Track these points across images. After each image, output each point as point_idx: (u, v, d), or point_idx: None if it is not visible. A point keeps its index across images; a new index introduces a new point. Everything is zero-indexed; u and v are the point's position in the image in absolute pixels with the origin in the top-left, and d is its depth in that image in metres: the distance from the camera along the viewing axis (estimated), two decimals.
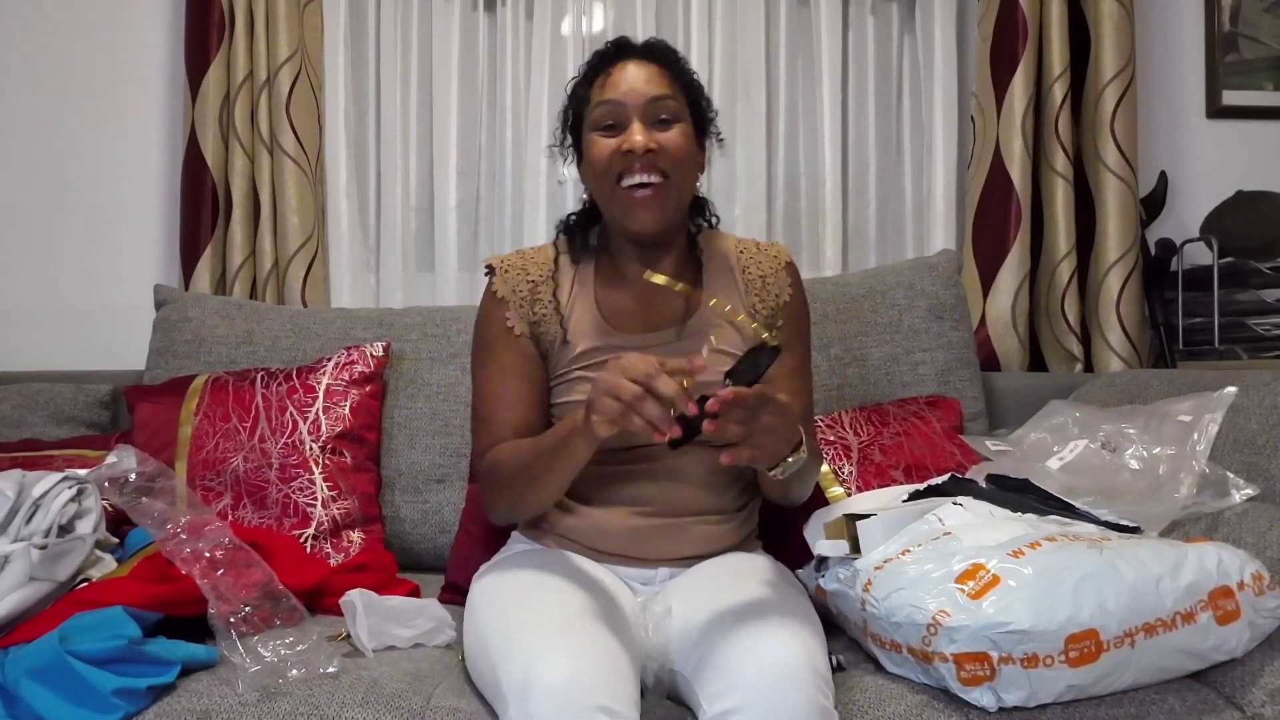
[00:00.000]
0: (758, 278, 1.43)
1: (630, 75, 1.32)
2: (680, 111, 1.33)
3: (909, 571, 1.16)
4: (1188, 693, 1.16)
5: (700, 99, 1.39)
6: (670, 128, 1.32)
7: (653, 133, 1.30)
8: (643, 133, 1.29)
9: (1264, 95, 2.37)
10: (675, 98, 1.33)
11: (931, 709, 1.12)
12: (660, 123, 1.31)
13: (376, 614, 1.29)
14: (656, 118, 1.31)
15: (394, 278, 2.31)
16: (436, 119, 2.29)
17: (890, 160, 2.40)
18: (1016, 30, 2.14)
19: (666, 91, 1.32)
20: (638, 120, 1.30)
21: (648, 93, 1.31)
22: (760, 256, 1.45)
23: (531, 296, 1.38)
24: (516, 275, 1.40)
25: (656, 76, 1.32)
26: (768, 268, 1.44)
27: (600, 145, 1.32)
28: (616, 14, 2.31)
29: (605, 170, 1.32)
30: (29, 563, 1.23)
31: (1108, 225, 2.15)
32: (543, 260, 1.42)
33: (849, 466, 1.64)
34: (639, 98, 1.31)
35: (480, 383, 1.40)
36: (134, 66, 2.26)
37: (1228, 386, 1.51)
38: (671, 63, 1.36)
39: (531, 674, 1.01)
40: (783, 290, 1.44)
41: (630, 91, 1.31)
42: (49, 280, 2.26)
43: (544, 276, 1.40)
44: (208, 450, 1.66)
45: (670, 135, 1.31)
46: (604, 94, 1.32)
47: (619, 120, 1.31)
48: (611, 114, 1.32)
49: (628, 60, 1.34)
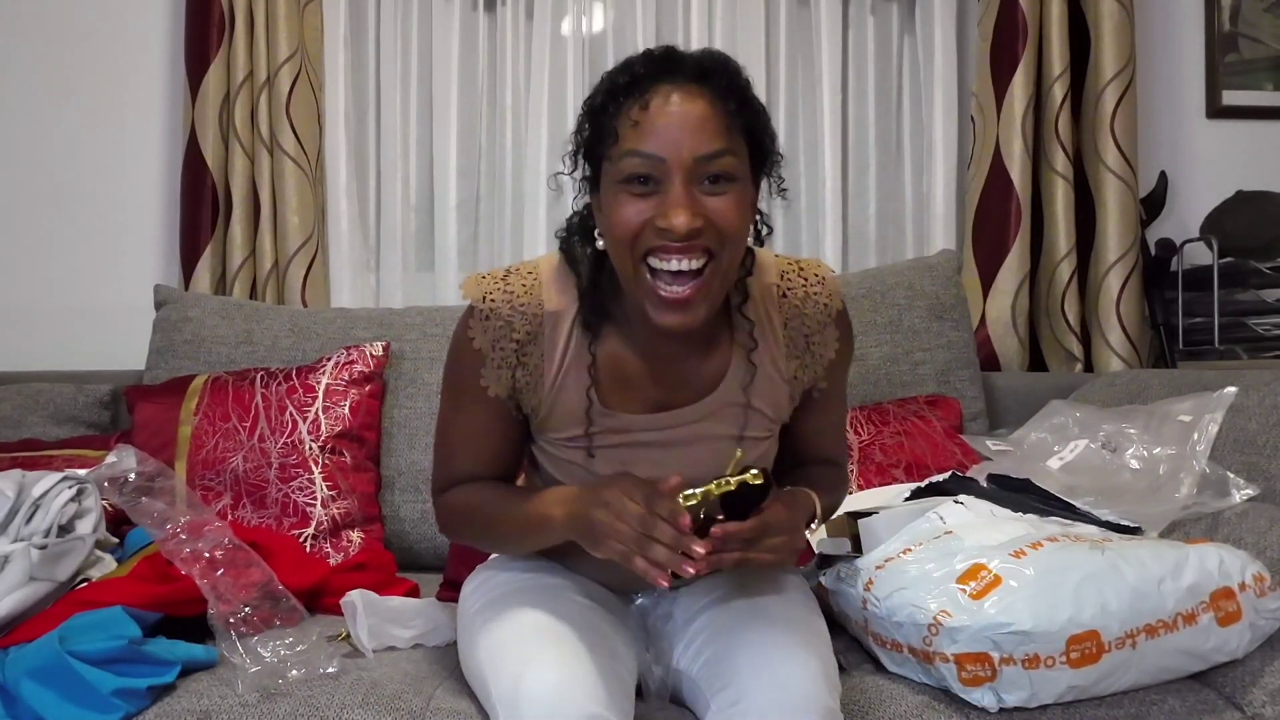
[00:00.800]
0: (801, 337, 1.16)
1: (677, 116, 0.99)
2: (738, 167, 1.02)
3: (910, 571, 1.15)
4: (1188, 693, 1.15)
5: (764, 135, 1.06)
6: (723, 191, 1.01)
7: (700, 200, 1.00)
8: (686, 207, 0.98)
9: (1264, 95, 2.37)
10: (734, 150, 1.01)
11: (932, 709, 1.11)
12: (711, 182, 1.00)
13: (376, 614, 1.28)
14: (706, 176, 1.00)
15: (394, 278, 2.31)
16: (436, 119, 2.29)
17: (890, 160, 2.40)
18: (1016, 30, 2.14)
19: (722, 145, 0.99)
20: (680, 183, 0.99)
21: (697, 149, 0.99)
22: (805, 307, 1.16)
23: (516, 359, 1.11)
24: (500, 330, 1.11)
25: (711, 118, 0.99)
26: (814, 322, 1.16)
27: (626, 208, 1.01)
28: (616, 14, 2.31)
29: (630, 242, 1.01)
30: (29, 563, 1.23)
31: (1108, 225, 2.15)
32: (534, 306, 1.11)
33: (850, 466, 1.64)
34: (685, 153, 0.98)
35: (444, 420, 1.19)
36: (134, 66, 2.26)
37: (1228, 386, 1.51)
38: (732, 91, 1.02)
39: (520, 684, 1.00)
40: (828, 348, 1.17)
41: (674, 144, 0.98)
42: (49, 280, 2.26)
43: (531, 335, 1.11)
44: (207, 450, 1.66)
45: (722, 203, 1.00)
46: (638, 137, 0.99)
47: (654, 176, 1.00)
48: (645, 168, 1.00)
49: (673, 86, 1.00)
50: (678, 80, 1.01)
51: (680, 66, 1.02)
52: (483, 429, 1.17)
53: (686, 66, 1.02)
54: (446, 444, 1.20)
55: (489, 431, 1.17)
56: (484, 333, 1.11)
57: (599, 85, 1.06)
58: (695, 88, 1.01)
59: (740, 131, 1.03)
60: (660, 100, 1.00)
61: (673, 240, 0.99)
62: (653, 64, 1.02)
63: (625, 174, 1.01)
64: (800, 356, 1.17)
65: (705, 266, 1.01)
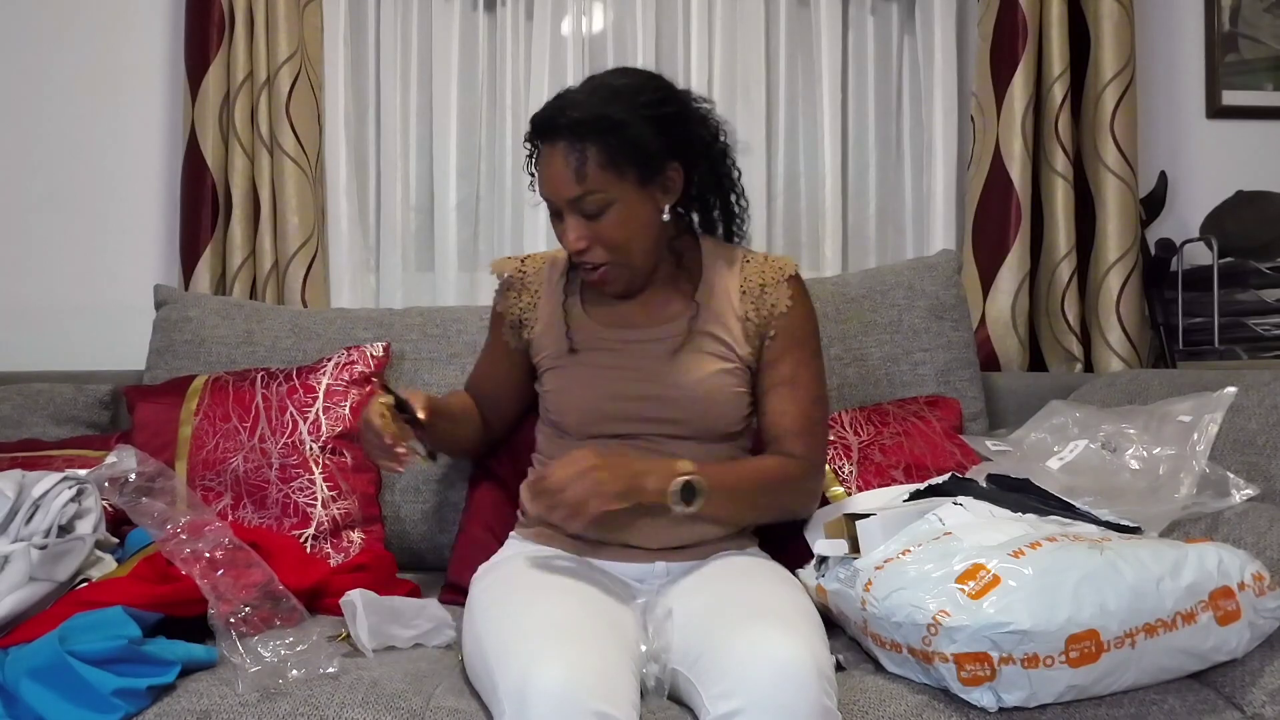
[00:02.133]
0: (757, 286, 1.43)
1: (551, 168, 1.31)
2: (606, 196, 1.30)
3: (909, 571, 1.15)
4: (1188, 693, 1.16)
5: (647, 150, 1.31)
6: (602, 217, 1.31)
7: (585, 224, 1.31)
8: (575, 230, 1.32)
9: (1264, 95, 2.37)
10: (598, 186, 1.29)
11: (932, 709, 1.12)
12: (588, 214, 1.31)
13: (376, 614, 1.29)
14: (583, 212, 1.31)
15: (394, 278, 2.31)
16: (436, 119, 2.29)
17: (890, 160, 2.40)
18: (1016, 30, 2.14)
19: (579, 190, 1.29)
20: (569, 216, 1.32)
21: (564, 194, 1.30)
22: (764, 266, 1.45)
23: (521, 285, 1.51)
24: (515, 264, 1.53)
25: (569, 168, 1.28)
26: (770, 277, 1.43)
27: (555, 229, 1.38)
28: (616, 14, 2.31)
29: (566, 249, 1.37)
30: (29, 563, 1.23)
31: (1108, 225, 2.15)
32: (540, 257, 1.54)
33: (849, 466, 1.64)
34: (559, 198, 1.31)
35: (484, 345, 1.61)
36: (134, 66, 2.26)
37: (1228, 386, 1.51)
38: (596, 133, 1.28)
39: (527, 680, 1.01)
40: (780, 301, 1.42)
41: (553, 192, 1.32)
42: (49, 280, 2.26)
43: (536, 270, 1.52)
44: (208, 450, 1.66)
45: (603, 225, 1.31)
46: (536, 182, 1.35)
47: (556, 211, 1.35)
48: (549, 205, 1.35)
49: (545, 146, 1.32)
50: (547, 140, 1.31)
51: (551, 127, 1.30)
52: (489, 350, 1.58)
53: (556, 127, 1.30)
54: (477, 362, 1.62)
55: (491, 353, 1.58)
56: (502, 270, 1.54)
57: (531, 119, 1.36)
58: (556, 146, 1.30)
59: (604, 164, 1.28)
60: (545, 157, 1.32)
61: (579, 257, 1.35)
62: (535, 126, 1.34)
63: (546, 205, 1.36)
64: (754, 302, 1.42)
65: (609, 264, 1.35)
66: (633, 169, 1.30)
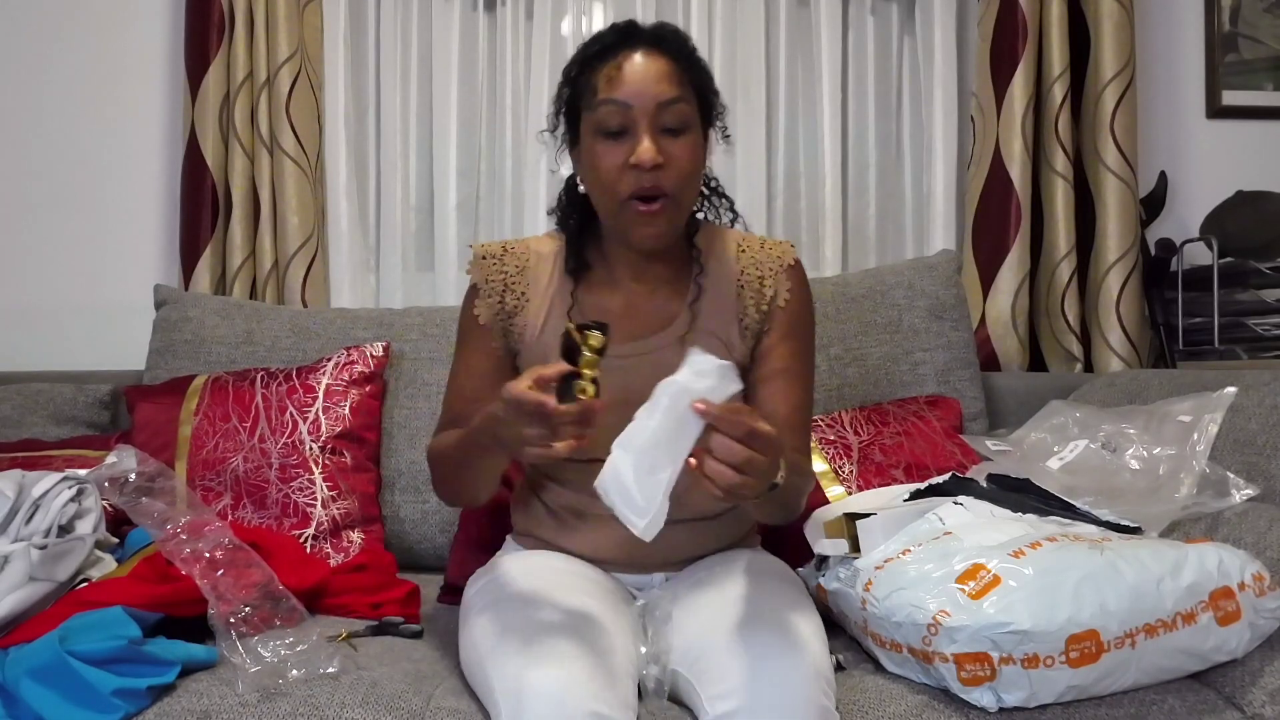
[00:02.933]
0: (755, 278, 1.34)
1: (639, 71, 1.21)
2: (691, 116, 1.23)
3: (909, 571, 1.16)
4: (1188, 693, 1.16)
5: (710, 93, 1.29)
6: (679, 137, 1.22)
7: (661, 141, 1.21)
8: (651, 144, 1.20)
9: (1264, 95, 2.37)
10: (686, 99, 1.23)
11: (932, 709, 1.12)
12: (669, 131, 1.21)
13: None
14: (665, 125, 1.21)
15: (394, 278, 2.31)
16: (436, 119, 2.29)
17: (890, 160, 2.40)
18: (1016, 30, 2.14)
19: (678, 93, 1.21)
20: (646, 128, 1.20)
21: (658, 95, 1.20)
22: (761, 255, 1.36)
23: (504, 286, 1.33)
24: (492, 266, 1.34)
25: (668, 73, 1.21)
26: (767, 268, 1.35)
27: (604, 156, 1.22)
28: (616, 14, 2.30)
29: (609, 184, 1.23)
30: (29, 563, 1.23)
31: (1108, 225, 2.15)
32: (521, 249, 1.36)
33: (849, 466, 1.64)
34: (648, 100, 1.20)
35: (452, 370, 1.37)
36: (134, 66, 2.26)
37: (1228, 386, 1.51)
38: (684, 54, 1.25)
39: (523, 682, 1.01)
40: (779, 293, 1.34)
41: (640, 93, 1.20)
42: (49, 280, 2.26)
43: (519, 269, 1.34)
44: (208, 450, 1.66)
45: (679, 146, 1.22)
46: (610, 90, 1.21)
47: (625, 125, 1.21)
48: (618, 117, 1.21)
49: (635, 50, 1.22)
50: (639, 45, 1.23)
51: (641, 34, 1.24)
52: (476, 366, 1.34)
53: (647, 33, 1.25)
54: (448, 389, 1.37)
55: (480, 370, 1.33)
56: (479, 270, 1.35)
57: (574, 56, 1.28)
58: (654, 49, 1.23)
59: (691, 85, 1.24)
60: (627, 60, 1.22)
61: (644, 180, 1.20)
62: (619, 34, 1.25)
63: (602, 124, 1.22)
64: (753, 296, 1.34)
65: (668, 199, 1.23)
66: (703, 108, 1.26)
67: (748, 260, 1.36)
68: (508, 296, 1.33)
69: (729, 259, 1.36)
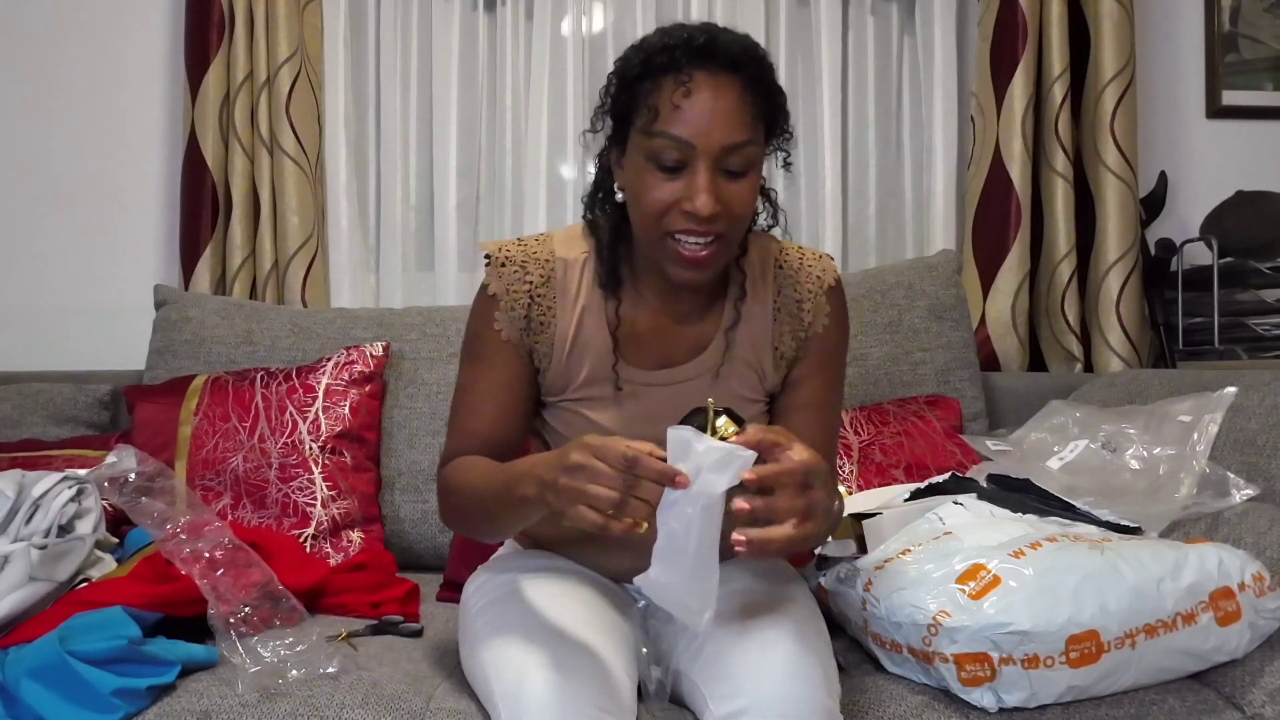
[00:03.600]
0: (792, 302, 1.23)
1: (709, 106, 1.05)
2: (756, 158, 1.10)
3: (909, 571, 1.16)
4: (1188, 693, 1.16)
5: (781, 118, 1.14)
6: (741, 179, 1.09)
7: (720, 184, 1.07)
8: (709, 196, 1.06)
9: (1264, 95, 2.37)
10: (756, 140, 1.09)
11: (932, 709, 1.12)
12: (731, 171, 1.08)
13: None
14: (728, 167, 1.08)
15: (394, 278, 2.31)
16: (436, 119, 2.29)
17: (890, 160, 2.40)
18: (1016, 30, 2.14)
19: (747, 136, 1.07)
20: (705, 169, 1.06)
21: (725, 139, 1.06)
22: (799, 276, 1.24)
23: (529, 299, 1.19)
24: (514, 275, 1.19)
25: (740, 110, 1.07)
26: (806, 289, 1.23)
27: (653, 187, 1.08)
28: (616, 14, 2.31)
29: (654, 215, 1.10)
30: (29, 563, 1.23)
31: (1108, 225, 2.14)
32: (545, 254, 1.20)
33: (849, 466, 1.64)
34: (714, 143, 1.06)
35: (460, 382, 1.24)
36: (134, 66, 2.26)
37: (1228, 386, 1.51)
38: (762, 83, 1.09)
39: (523, 684, 1.01)
40: (817, 319, 1.23)
41: (705, 132, 1.05)
42: (49, 280, 2.26)
43: (544, 278, 1.19)
44: (207, 450, 1.66)
45: (738, 189, 1.09)
46: (671, 122, 1.06)
47: (683, 161, 1.07)
48: (676, 153, 1.07)
49: (709, 74, 1.06)
50: (714, 69, 1.06)
51: (717, 54, 1.06)
52: (495, 384, 1.20)
53: (722, 55, 1.06)
54: (459, 406, 1.23)
55: (498, 381, 1.20)
56: (499, 278, 1.19)
57: (634, 55, 1.11)
58: (729, 78, 1.06)
59: (763, 116, 1.10)
60: (698, 87, 1.06)
61: (695, 224, 1.07)
62: (693, 51, 1.06)
63: (656, 151, 1.08)
64: (790, 322, 1.23)
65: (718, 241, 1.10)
66: (771, 133, 1.13)
67: (785, 280, 1.24)
68: (533, 310, 1.19)
69: (767, 280, 1.24)
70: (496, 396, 1.20)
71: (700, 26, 1.09)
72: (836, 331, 1.25)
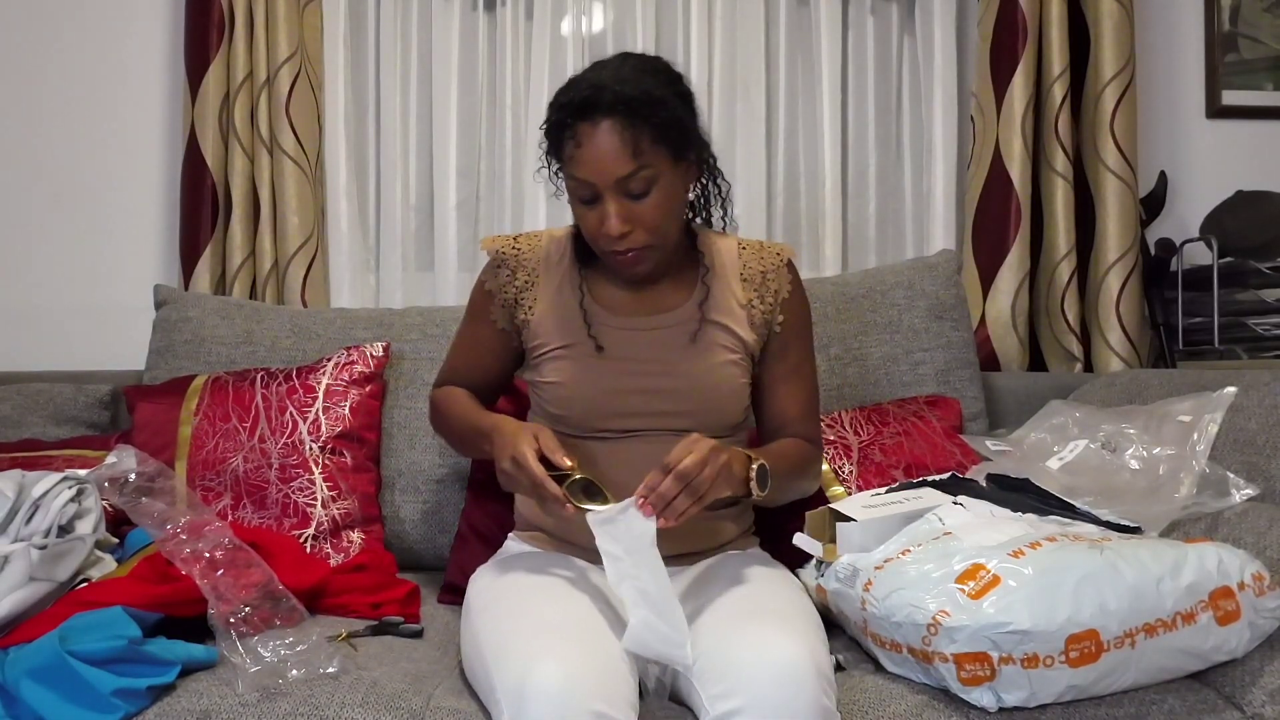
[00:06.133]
0: (758, 273, 1.42)
1: (599, 148, 1.23)
2: (654, 172, 1.26)
3: (909, 571, 1.16)
4: (1188, 693, 1.16)
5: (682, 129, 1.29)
6: (646, 196, 1.26)
7: (628, 206, 1.26)
8: (617, 215, 1.26)
9: (1264, 95, 2.37)
10: (647, 161, 1.25)
11: (931, 709, 1.12)
12: (634, 196, 1.26)
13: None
14: (629, 192, 1.26)
15: (394, 278, 2.31)
16: (436, 119, 2.29)
17: (890, 160, 2.40)
18: (1016, 30, 2.14)
19: (633, 166, 1.24)
20: (611, 198, 1.26)
21: (616, 172, 1.24)
22: (762, 253, 1.44)
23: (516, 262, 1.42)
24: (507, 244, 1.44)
25: (625, 145, 1.23)
26: (769, 264, 1.43)
27: (581, 216, 1.31)
28: (616, 14, 2.31)
29: (590, 239, 1.33)
30: (29, 563, 1.23)
31: (1107, 225, 2.14)
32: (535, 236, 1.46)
33: (849, 466, 1.64)
34: (608, 178, 1.24)
35: (459, 330, 1.53)
36: (134, 66, 2.26)
37: (1228, 386, 1.51)
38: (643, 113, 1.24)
39: (526, 679, 1.01)
40: (782, 286, 1.42)
41: (600, 172, 1.24)
42: (49, 280, 2.26)
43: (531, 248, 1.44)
44: (208, 450, 1.66)
45: (645, 206, 1.27)
46: (574, 165, 1.26)
47: (594, 195, 1.27)
48: (584, 190, 1.28)
49: (594, 122, 1.24)
50: (591, 118, 1.24)
51: (596, 106, 1.24)
52: (482, 342, 1.48)
53: (602, 106, 1.23)
54: (453, 349, 1.53)
55: (485, 346, 1.48)
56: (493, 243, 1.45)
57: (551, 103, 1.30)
58: (609, 123, 1.24)
59: (651, 142, 1.25)
60: (587, 135, 1.24)
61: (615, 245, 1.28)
62: (575, 109, 1.25)
63: (573, 189, 1.30)
64: (757, 289, 1.42)
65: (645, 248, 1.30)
66: (671, 146, 1.28)
67: (750, 256, 1.44)
68: (519, 273, 1.42)
69: (732, 256, 1.44)
70: (470, 347, 1.50)
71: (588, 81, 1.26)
72: (800, 298, 1.45)
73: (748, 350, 1.40)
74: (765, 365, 1.43)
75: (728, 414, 1.37)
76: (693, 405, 1.34)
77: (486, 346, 1.47)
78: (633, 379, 1.35)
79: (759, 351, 1.42)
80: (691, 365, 1.35)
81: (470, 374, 1.50)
